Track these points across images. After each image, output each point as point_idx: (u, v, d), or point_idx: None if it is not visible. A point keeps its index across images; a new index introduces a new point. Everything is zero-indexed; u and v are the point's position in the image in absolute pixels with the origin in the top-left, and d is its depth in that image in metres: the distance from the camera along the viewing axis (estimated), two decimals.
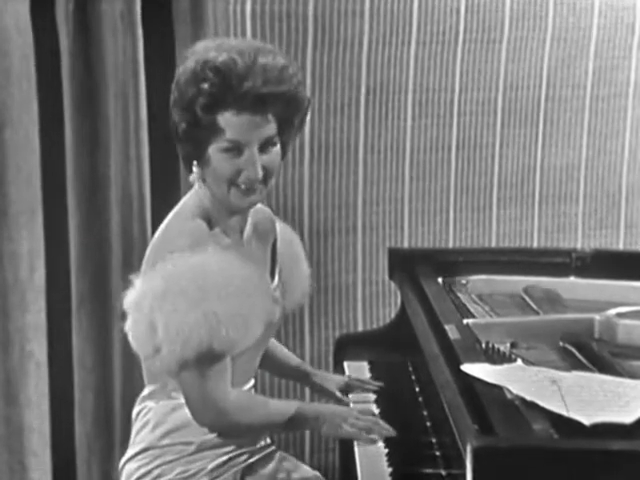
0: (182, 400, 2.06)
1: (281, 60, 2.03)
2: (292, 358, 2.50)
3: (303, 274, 2.38)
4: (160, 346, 1.96)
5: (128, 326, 2.01)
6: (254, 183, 2.03)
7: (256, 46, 2.07)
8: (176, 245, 2.02)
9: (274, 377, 3.15)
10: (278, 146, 2.06)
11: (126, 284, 2.02)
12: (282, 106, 2.01)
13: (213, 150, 2.02)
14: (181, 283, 1.95)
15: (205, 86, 1.98)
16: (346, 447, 2.24)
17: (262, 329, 2.03)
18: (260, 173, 2.01)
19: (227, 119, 1.99)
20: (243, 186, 2.03)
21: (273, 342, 2.41)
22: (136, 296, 1.99)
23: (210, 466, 2.12)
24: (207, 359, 1.97)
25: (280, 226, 2.34)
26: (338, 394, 2.42)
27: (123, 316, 2.02)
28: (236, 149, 2.00)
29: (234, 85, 1.97)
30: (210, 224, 2.07)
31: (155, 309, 1.95)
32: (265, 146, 2.02)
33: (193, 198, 2.12)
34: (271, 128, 2.01)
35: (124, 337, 2.04)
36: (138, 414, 2.20)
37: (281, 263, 2.28)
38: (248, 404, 2.10)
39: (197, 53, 2.03)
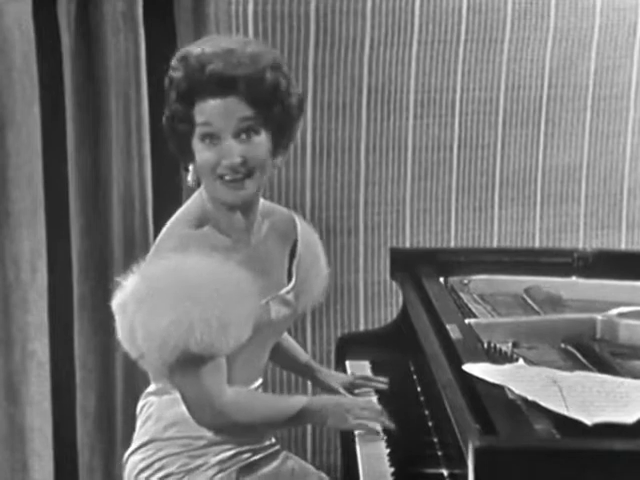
0: None
1: (254, 48, 2.04)
2: (300, 353, 2.50)
3: (321, 275, 2.35)
4: (142, 349, 1.97)
5: (117, 327, 2.02)
6: (236, 176, 2.01)
7: (235, 39, 2.12)
8: (163, 248, 2.04)
9: (276, 371, 3.17)
10: (262, 136, 2.04)
11: (122, 277, 2.03)
12: (251, 89, 1.99)
13: (195, 143, 2.03)
14: (158, 286, 1.95)
15: (175, 75, 2.03)
16: (348, 447, 2.23)
17: (248, 331, 2.00)
18: (237, 159, 2.00)
19: (200, 108, 2.00)
20: (227, 177, 2.02)
21: (284, 335, 2.41)
22: (121, 298, 2.00)
23: (213, 461, 2.12)
24: (191, 362, 1.96)
25: (302, 227, 2.31)
26: (342, 390, 2.42)
27: None
28: (213, 137, 2.00)
29: (197, 70, 1.99)
30: (206, 226, 2.06)
31: (135, 312, 1.96)
32: (245, 134, 2.01)
33: (194, 203, 2.12)
34: (243, 110, 2.00)
35: None
36: (142, 408, 2.21)
37: (300, 264, 2.27)
38: (247, 403, 2.09)
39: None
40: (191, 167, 2.08)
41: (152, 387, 2.19)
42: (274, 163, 2.10)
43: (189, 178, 2.09)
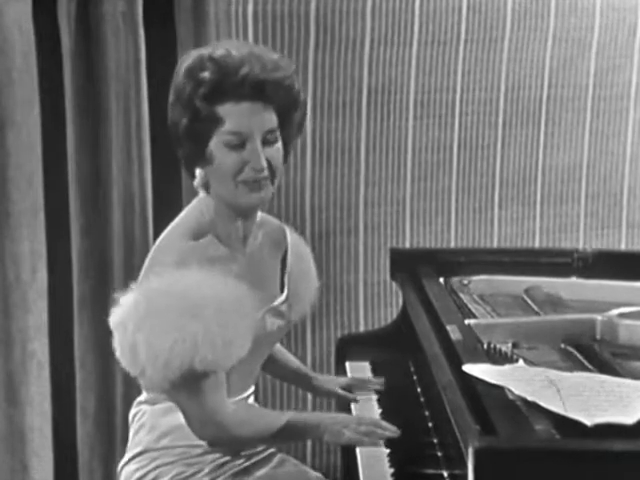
0: None
1: (275, 56, 2.05)
2: (293, 362, 2.48)
3: (311, 287, 2.34)
4: (144, 367, 1.95)
5: (115, 345, 1.99)
6: (259, 176, 2.00)
7: (250, 44, 2.09)
8: (161, 262, 2.02)
9: (275, 381, 3.16)
10: (280, 143, 2.04)
11: (119, 293, 1.99)
12: (280, 94, 2.00)
13: (215, 145, 2.00)
14: (160, 303, 1.94)
15: (203, 75, 1.98)
16: (348, 448, 2.23)
17: (248, 346, 1.99)
18: (264, 164, 1.99)
19: (227, 110, 1.98)
20: (250, 180, 2.00)
21: (276, 346, 2.41)
22: (120, 315, 1.98)
23: (207, 468, 2.11)
24: (194, 378, 1.95)
25: (292, 238, 2.30)
26: (340, 391, 2.41)
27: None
28: (239, 142, 1.99)
29: (231, 72, 1.96)
30: (207, 236, 2.04)
31: (136, 330, 1.94)
32: (267, 140, 2.01)
33: (190, 214, 2.10)
34: (272, 120, 2.00)
35: None
36: (134, 417, 2.19)
37: (290, 275, 2.25)
38: (247, 417, 2.08)
39: (191, 55, 2.05)
40: (198, 172, 2.05)
41: (144, 396, 2.17)
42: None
43: (196, 183, 2.07)
